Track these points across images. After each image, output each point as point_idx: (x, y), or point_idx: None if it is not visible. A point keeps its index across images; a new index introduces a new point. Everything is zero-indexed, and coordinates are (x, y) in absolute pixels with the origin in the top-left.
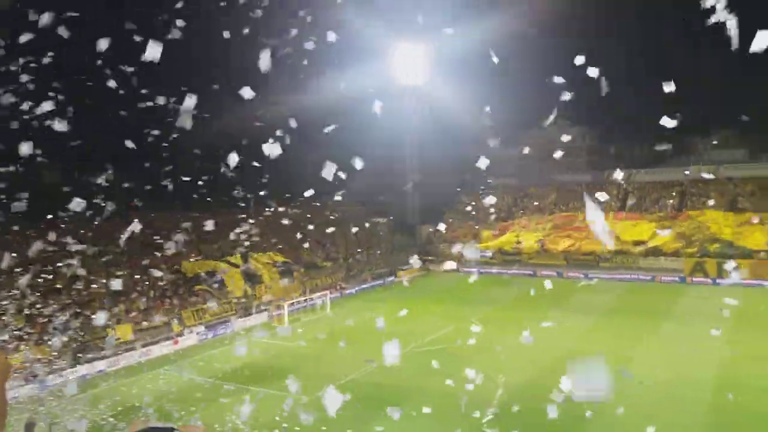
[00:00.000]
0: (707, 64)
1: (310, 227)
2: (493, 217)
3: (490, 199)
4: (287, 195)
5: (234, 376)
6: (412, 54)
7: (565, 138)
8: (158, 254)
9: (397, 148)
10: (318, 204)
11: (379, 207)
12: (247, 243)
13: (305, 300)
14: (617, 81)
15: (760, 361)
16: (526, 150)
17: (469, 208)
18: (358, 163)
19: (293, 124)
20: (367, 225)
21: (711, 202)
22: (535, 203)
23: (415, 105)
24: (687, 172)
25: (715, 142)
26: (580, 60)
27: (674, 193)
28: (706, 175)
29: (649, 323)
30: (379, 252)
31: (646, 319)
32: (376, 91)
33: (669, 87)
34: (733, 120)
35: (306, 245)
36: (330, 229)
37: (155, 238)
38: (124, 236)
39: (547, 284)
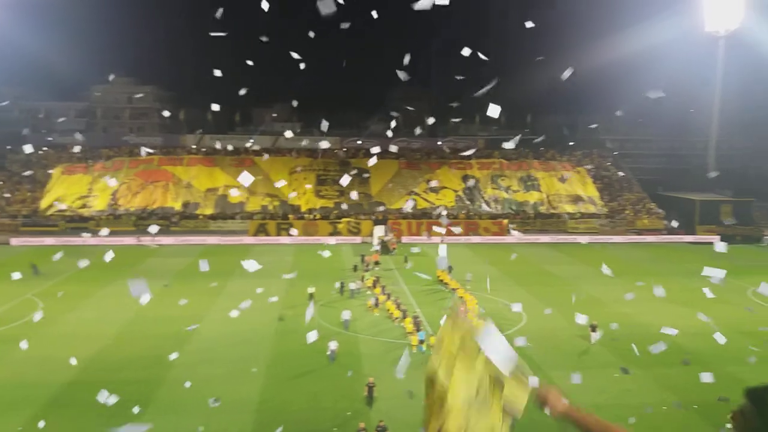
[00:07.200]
0: (274, 42)
1: None
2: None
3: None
4: None
5: None
6: None
7: (136, 96)
8: None
9: None
10: None
11: None
12: None
13: None
14: (191, 42)
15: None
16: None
17: (25, 170)
18: None
19: None
20: None
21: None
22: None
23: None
24: (252, 141)
25: (274, 115)
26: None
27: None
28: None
29: (218, 282)
30: None
31: (216, 279)
32: None
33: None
34: (290, 94)
35: None
36: None
37: None
38: None
39: (108, 255)
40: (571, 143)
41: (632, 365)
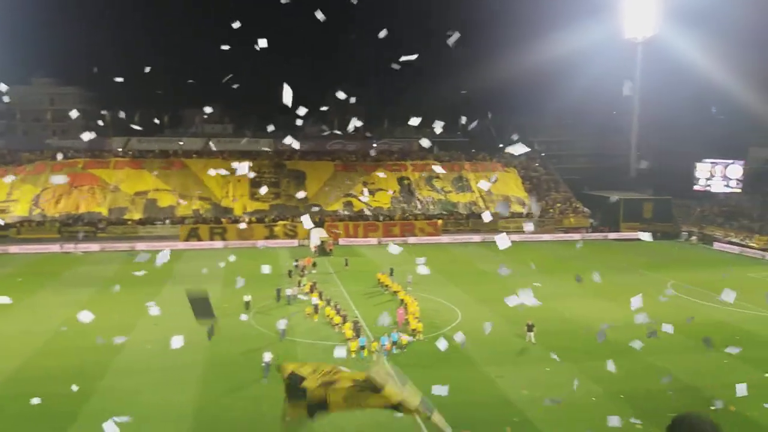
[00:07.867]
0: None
1: None
2: None
3: None
4: None
5: None
6: None
7: (57, 97)
8: None
9: None
10: None
11: None
12: None
13: None
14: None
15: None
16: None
17: None
18: None
19: None
20: None
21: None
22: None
23: None
24: (181, 143)
25: (205, 116)
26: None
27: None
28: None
29: (150, 289)
30: None
31: (146, 287)
32: None
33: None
34: (222, 96)
35: None
36: None
37: None
38: None
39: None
40: (500, 145)
41: (563, 359)
